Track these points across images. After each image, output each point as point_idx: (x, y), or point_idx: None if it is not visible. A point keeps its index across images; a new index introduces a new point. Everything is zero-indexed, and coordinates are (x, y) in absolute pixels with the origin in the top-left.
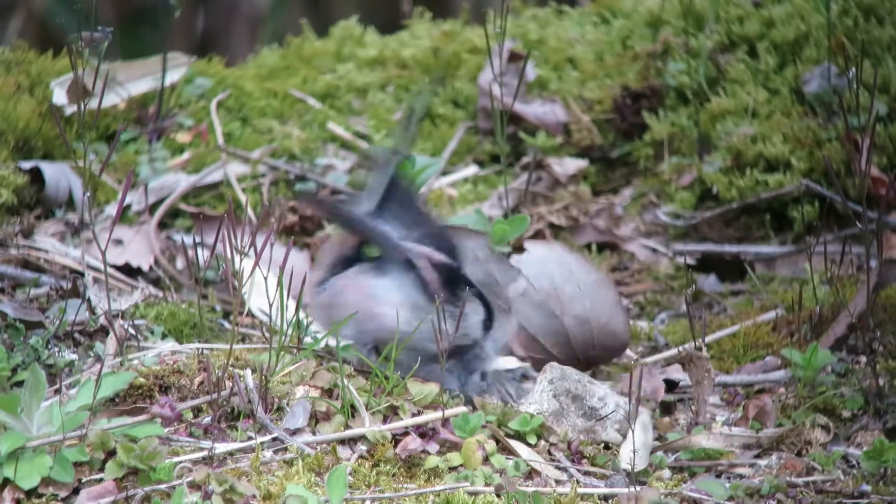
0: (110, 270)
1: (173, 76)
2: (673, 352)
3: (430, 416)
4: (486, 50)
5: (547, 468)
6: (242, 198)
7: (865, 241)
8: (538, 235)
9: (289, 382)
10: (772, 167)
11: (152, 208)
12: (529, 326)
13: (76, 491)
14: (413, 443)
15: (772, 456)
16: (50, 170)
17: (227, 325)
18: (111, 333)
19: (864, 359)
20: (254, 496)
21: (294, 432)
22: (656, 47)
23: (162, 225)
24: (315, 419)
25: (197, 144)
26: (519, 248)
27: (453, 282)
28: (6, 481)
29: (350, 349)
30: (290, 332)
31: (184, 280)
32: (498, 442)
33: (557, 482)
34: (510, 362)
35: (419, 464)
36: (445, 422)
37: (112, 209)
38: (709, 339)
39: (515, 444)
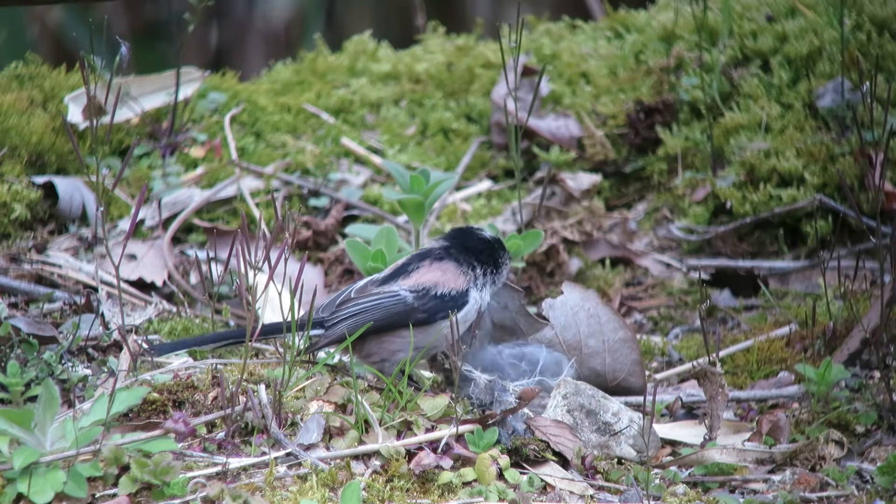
0: (124, 285)
1: (187, 91)
2: (687, 367)
3: (443, 433)
4: (499, 64)
5: (561, 483)
6: (256, 213)
7: (879, 256)
8: (552, 250)
9: (303, 397)
10: (785, 182)
11: (166, 223)
12: None
13: None
14: (427, 458)
15: (785, 471)
16: (63, 185)
17: None
18: (125, 348)
19: (877, 374)
20: None
21: (308, 447)
22: (669, 62)
23: (175, 240)
24: (329, 434)
25: (210, 159)
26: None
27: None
28: (20, 496)
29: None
30: (303, 346)
31: (197, 295)
32: (512, 457)
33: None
34: None
35: (433, 479)
36: (459, 437)
37: (125, 224)
38: (722, 354)
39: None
